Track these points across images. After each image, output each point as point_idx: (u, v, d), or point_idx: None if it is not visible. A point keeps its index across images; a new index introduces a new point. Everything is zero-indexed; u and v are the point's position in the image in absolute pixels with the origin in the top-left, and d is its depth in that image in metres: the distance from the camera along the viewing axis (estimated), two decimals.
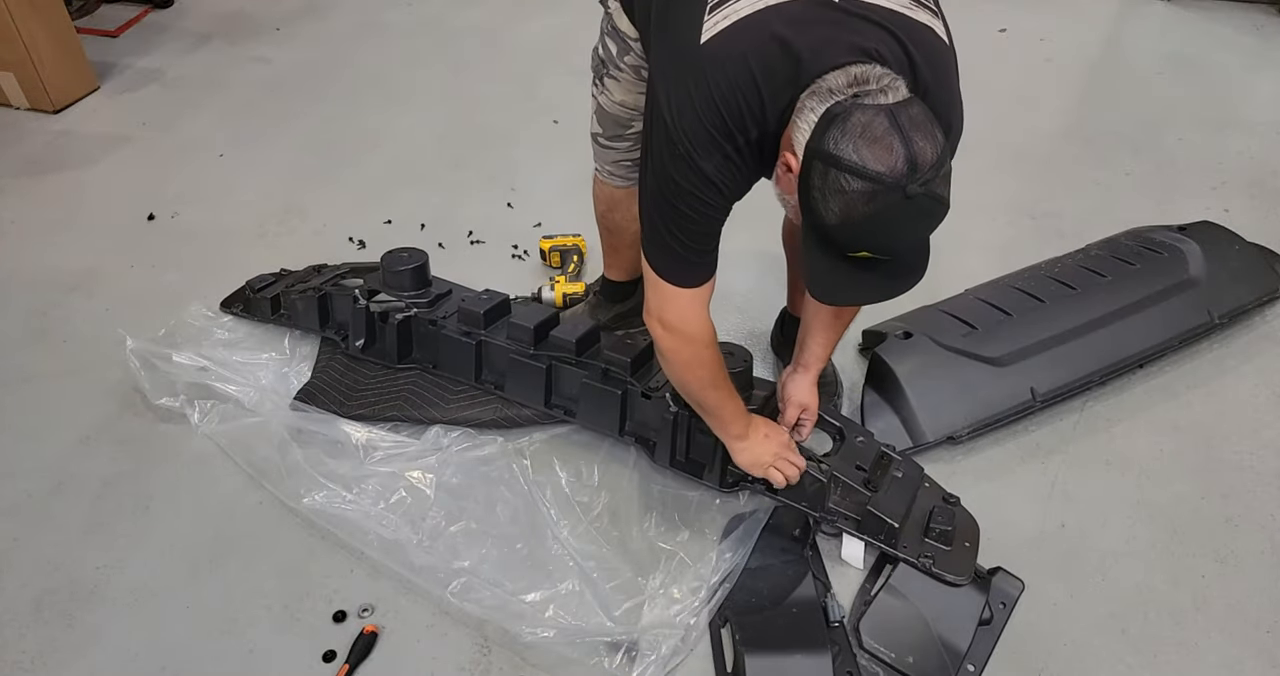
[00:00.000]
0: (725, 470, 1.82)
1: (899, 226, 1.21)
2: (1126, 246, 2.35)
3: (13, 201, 2.89)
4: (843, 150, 1.16)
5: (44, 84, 3.26)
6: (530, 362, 1.97)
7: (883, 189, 1.16)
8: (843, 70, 1.23)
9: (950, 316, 2.15)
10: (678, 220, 1.41)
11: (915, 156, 1.15)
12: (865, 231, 1.21)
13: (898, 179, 1.15)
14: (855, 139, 1.16)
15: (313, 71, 3.62)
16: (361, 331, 2.15)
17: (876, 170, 1.15)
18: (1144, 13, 3.92)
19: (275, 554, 1.83)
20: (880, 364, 2.06)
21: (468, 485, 1.91)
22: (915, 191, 1.16)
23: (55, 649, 1.68)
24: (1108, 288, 2.20)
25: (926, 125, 1.18)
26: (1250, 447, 2.02)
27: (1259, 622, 1.69)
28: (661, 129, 1.36)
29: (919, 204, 1.17)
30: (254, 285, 2.35)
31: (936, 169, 1.17)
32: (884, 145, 1.15)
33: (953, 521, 1.70)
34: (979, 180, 2.90)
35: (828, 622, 1.65)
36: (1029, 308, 2.15)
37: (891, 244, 1.25)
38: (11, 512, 1.92)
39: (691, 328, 1.52)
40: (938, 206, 1.20)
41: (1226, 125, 3.16)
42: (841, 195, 1.18)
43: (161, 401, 2.08)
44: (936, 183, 1.18)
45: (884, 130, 1.15)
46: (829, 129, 1.18)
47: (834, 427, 1.86)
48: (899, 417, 2.01)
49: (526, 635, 1.61)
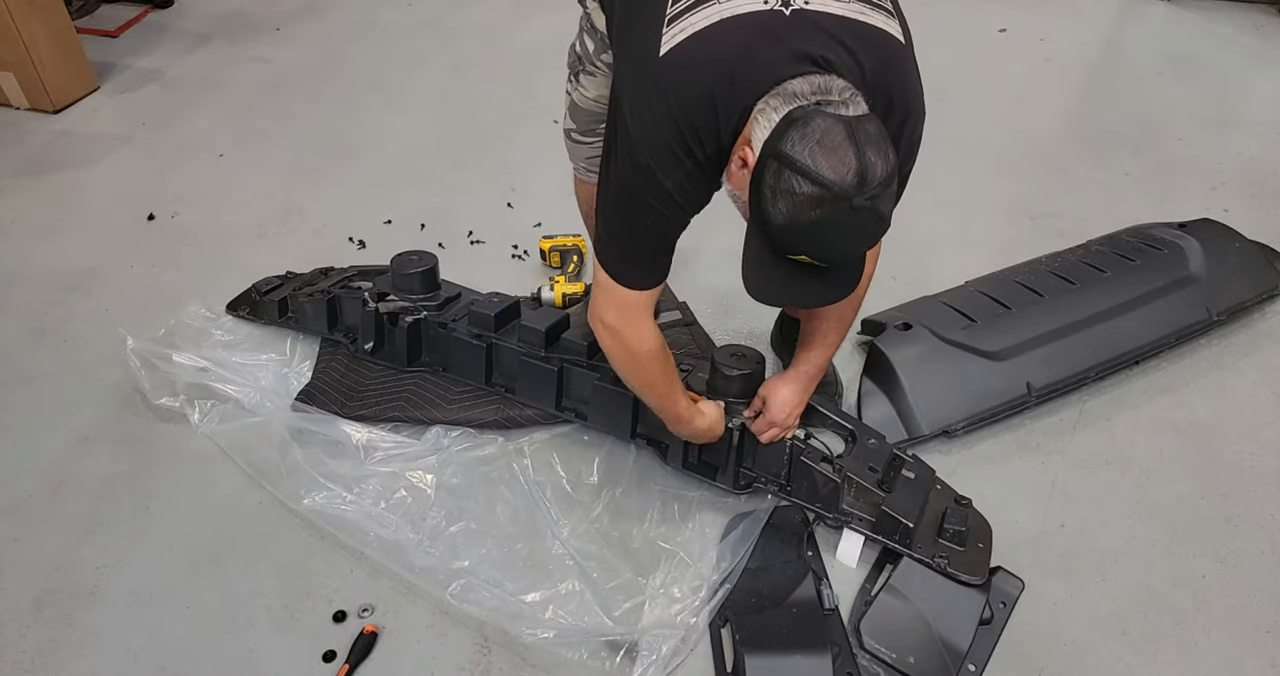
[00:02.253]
0: (739, 472, 1.82)
1: (840, 236, 1.24)
2: (1127, 242, 2.35)
3: (13, 201, 2.89)
4: (799, 153, 1.19)
5: (44, 84, 3.26)
6: (541, 365, 1.98)
7: (830, 197, 1.19)
8: (805, 78, 1.26)
9: (949, 308, 2.15)
10: (635, 228, 1.44)
11: (866, 170, 1.18)
12: (807, 236, 1.24)
13: (846, 189, 1.18)
14: (813, 144, 1.18)
15: (312, 71, 3.62)
16: (371, 334, 2.15)
17: (828, 178, 1.18)
18: (1144, 13, 3.92)
19: (275, 554, 1.83)
20: (878, 355, 2.06)
21: (468, 485, 1.92)
22: (861, 204, 1.19)
23: (55, 649, 1.68)
24: (1107, 283, 2.20)
25: (881, 143, 1.21)
26: (1250, 448, 2.02)
27: (1259, 622, 1.69)
28: (625, 138, 1.38)
29: (862, 217, 1.21)
30: (260, 288, 2.34)
31: (884, 186, 1.20)
32: (838, 155, 1.18)
33: (966, 522, 1.70)
34: (979, 180, 2.91)
35: (822, 609, 1.65)
36: (1028, 301, 2.16)
37: (830, 252, 1.28)
38: (11, 512, 1.92)
39: (633, 331, 1.54)
40: (879, 223, 1.24)
41: (1226, 125, 3.16)
42: (791, 197, 1.20)
43: (161, 401, 2.08)
44: (882, 199, 1.21)
45: (840, 140, 1.18)
46: (789, 130, 1.21)
47: (846, 430, 1.86)
48: (895, 409, 2.02)
49: (526, 635, 1.61)
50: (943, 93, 3.34)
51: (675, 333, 2.30)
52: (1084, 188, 2.87)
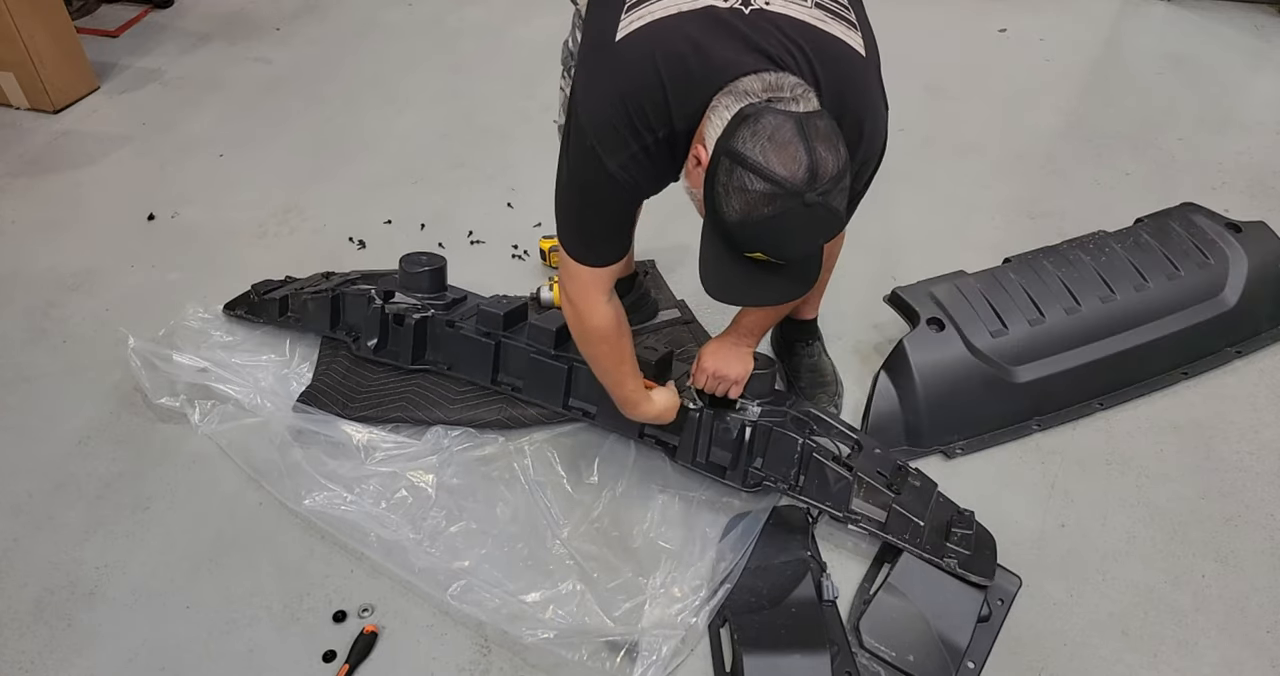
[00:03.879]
0: (748, 471, 1.83)
1: (793, 232, 1.25)
2: (1177, 238, 2.25)
3: (13, 201, 2.89)
4: (750, 150, 1.20)
5: (44, 84, 3.26)
6: (551, 364, 1.98)
7: (783, 193, 1.20)
8: (758, 75, 1.28)
9: (985, 301, 2.08)
10: (584, 208, 1.47)
11: (817, 166, 1.20)
12: (762, 232, 1.25)
13: (798, 185, 1.20)
14: (763, 141, 1.20)
15: (312, 71, 3.62)
16: (375, 332, 2.15)
17: (779, 174, 1.19)
18: (1144, 13, 3.91)
19: (275, 554, 1.83)
20: (901, 357, 2.01)
21: (468, 485, 1.92)
22: (813, 200, 1.21)
23: (55, 649, 1.68)
24: (1144, 299, 2.13)
25: (831, 138, 1.23)
26: (1250, 448, 2.02)
27: (1259, 622, 1.69)
28: (575, 119, 1.40)
29: (815, 213, 1.22)
30: (259, 289, 2.34)
31: (835, 182, 1.22)
32: (789, 151, 1.19)
33: (971, 528, 1.71)
34: (978, 180, 2.91)
35: (820, 600, 1.65)
36: (1064, 309, 2.08)
37: (784, 248, 1.29)
38: (11, 512, 1.93)
39: (585, 305, 1.57)
40: (833, 218, 1.25)
41: (1226, 125, 3.15)
42: (743, 194, 1.22)
43: (161, 401, 2.09)
44: (834, 194, 1.23)
45: (790, 136, 1.20)
46: (740, 128, 1.22)
47: (851, 439, 1.87)
48: (903, 414, 2.00)
49: (526, 636, 1.61)
50: (943, 92, 3.36)
51: (675, 330, 2.30)
52: (1084, 188, 2.87)
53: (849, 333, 2.31)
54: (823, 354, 2.16)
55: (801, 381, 2.10)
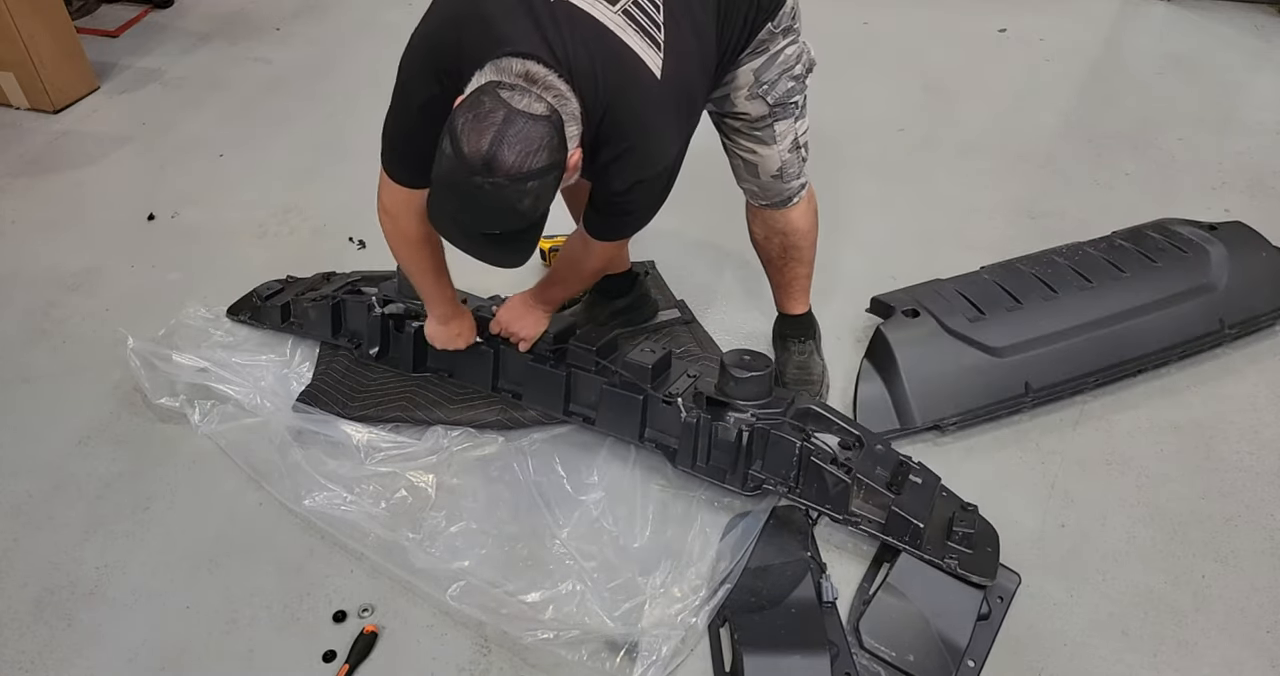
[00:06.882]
0: (747, 474, 1.83)
1: (459, 203, 1.34)
2: (1152, 239, 2.29)
3: (13, 201, 2.89)
4: (459, 119, 1.31)
5: (44, 84, 3.26)
6: (550, 370, 1.98)
7: (455, 164, 1.30)
8: (525, 60, 1.36)
9: (960, 296, 2.13)
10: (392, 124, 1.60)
11: (494, 159, 1.28)
12: (440, 191, 1.36)
13: (472, 164, 1.29)
14: (470, 116, 1.30)
15: (312, 71, 3.62)
16: (377, 339, 2.15)
17: (462, 149, 1.29)
18: (1144, 13, 3.92)
19: (275, 554, 1.83)
20: (881, 339, 2.06)
21: (468, 485, 1.92)
22: (482, 183, 1.29)
23: (55, 649, 1.68)
24: (1124, 284, 2.16)
25: (528, 143, 1.29)
26: (1250, 448, 2.02)
27: (1259, 622, 1.69)
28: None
29: (485, 195, 1.30)
30: (261, 293, 2.34)
31: (511, 179, 1.29)
32: (480, 134, 1.28)
33: (974, 525, 1.71)
34: (979, 180, 2.91)
35: (820, 602, 1.65)
36: (1040, 298, 2.12)
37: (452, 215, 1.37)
38: (11, 512, 1.93)
39: (393, 211, 1.73)
40: (506, 210, 1.33)
41: (1226, 125, 3.15)
42: (441, 154, 1.33)
43: (161, 401, 2.09)
44: (509, 190, 1.30)
45: (491, 122, 1.29)
46: (470, 97, 1.33)
47: (853, 436, 1.86)
48: (890, 396, 2.03)
49: (526, 636, 1.61)
50: (943, 92, 3.36)
51: (674, 330, 2.30)
52: (1084, 188, 2.87)
53: (849, 332, 2.31)
54: (814, 353, 2.16)
55: (787, 377, 2.11)
